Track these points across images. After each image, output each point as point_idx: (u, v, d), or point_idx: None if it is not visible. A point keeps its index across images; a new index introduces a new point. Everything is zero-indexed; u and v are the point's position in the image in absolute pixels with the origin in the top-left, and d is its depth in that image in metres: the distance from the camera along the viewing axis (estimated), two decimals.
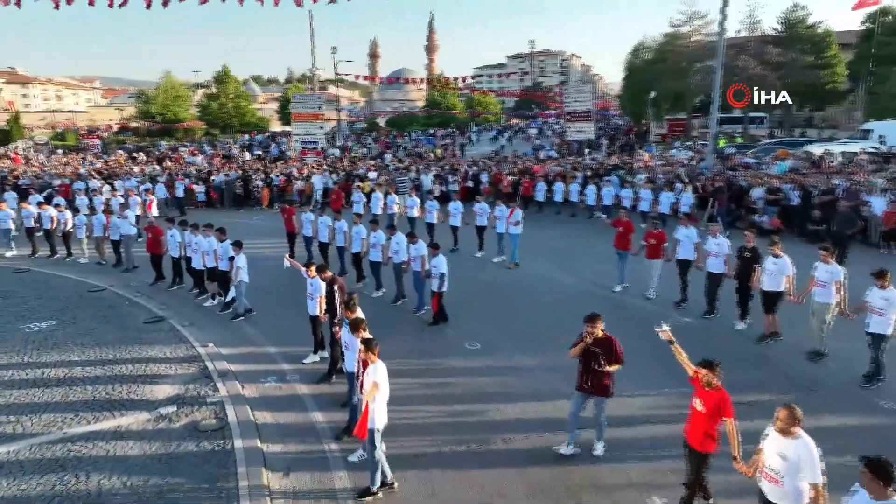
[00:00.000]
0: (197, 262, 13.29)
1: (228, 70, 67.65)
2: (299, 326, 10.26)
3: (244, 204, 25.87)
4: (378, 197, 19.93)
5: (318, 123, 33.74)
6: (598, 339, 7.03)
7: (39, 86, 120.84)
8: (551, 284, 14.27)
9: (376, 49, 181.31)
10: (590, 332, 7.01)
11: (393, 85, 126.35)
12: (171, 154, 39.09)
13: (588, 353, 7.08)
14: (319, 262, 10.11)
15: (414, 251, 12.37)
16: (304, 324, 10.06)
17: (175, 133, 64.85)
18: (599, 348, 7.01)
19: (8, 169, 31.14)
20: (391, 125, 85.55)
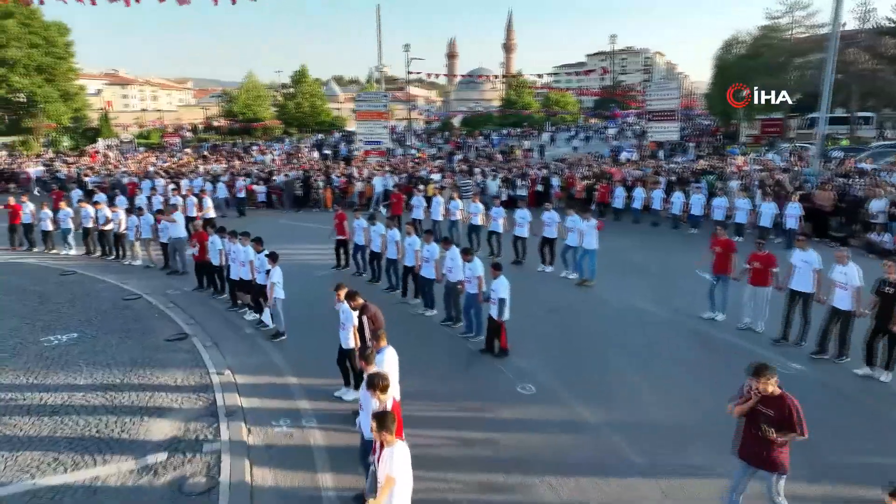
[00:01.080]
0: (234, 273, 12.14)
1: (306, 70, 68.35)
2: (331, 355, 8.75)
3: (304, 205, 24.97)
4: (439, 202, 18.33)
5: (382, 122, 32.55)
6: (768, 397, 5.22)
7: (137, 87, 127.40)
8: (627, 310, 12.17)
9: (454, 49, 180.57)
10: (757, 390, 5.24)
11: (469, 84, 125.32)
12: (241, 153, 39.14)
13: (753, 414, 5.29)
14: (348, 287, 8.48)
15: (469, 270, 10.67)
16: (335, 353, 8.57)
17: (254, 132, 66.06)
18: (770, 410, 5.19)
19: (85, 167, 31.80)
20: (465, 125, 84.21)
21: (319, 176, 25.84)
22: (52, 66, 53.65)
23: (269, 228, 21.26)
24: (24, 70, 51.25)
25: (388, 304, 12.80)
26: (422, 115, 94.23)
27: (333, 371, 8.68)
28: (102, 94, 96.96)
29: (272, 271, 10.61)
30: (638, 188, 21.40)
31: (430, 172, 25.83)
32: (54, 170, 31.18)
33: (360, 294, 8.14)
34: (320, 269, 15.55)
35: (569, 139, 57.38)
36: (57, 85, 54.59)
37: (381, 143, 32.30)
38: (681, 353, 10.04)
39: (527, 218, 15.68)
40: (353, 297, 8.07)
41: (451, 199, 18.35)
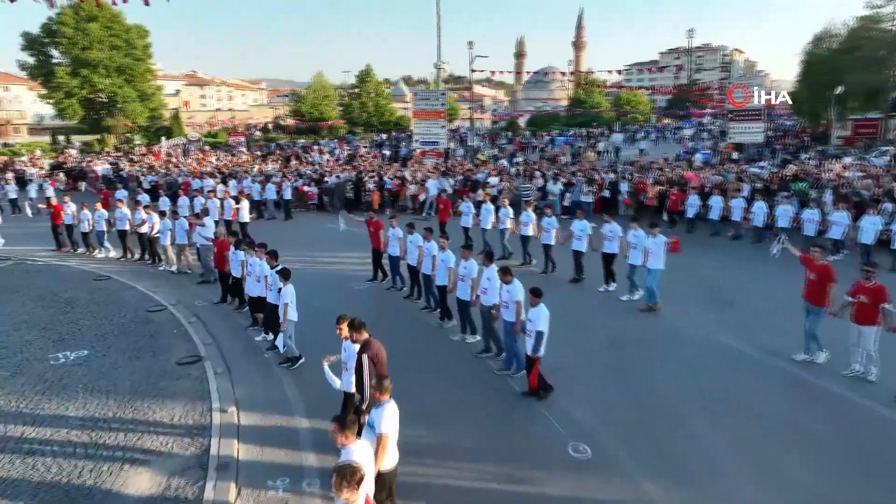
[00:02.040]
0: (250, 288, 10.98)
1: (371, 69, 67.88)
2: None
3: (354, 208, 23.86)
4: (489, 209, 16.71)
5: (440, 122, 31.05)
6: None
7: (215, 87, 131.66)
8: (705, 345, 10.20)
9: (523, 48, 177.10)
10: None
11: (537, 84, 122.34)
12: (300, 153, 38.70)
13: None
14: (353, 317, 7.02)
15: (507, 294, 9.06)
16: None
17: (320, 131, 66.21)
18: None
19: (147, 165, 31.99)
20: (531, 125, 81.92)
21: (372, 178, 24.68)
22: (131, 68, 55.35)
23: (312, 232, 20.35)
24: (105, 71, 53.08)
25: (424, 326, 11.40)
26: (487, 115, 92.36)
27: None
28: (180, 94, 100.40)
29: (283, 290, 9.35)
30: (716, 196, 19.03)
31: (488, 175, 24.18)
32: (119, 168, 31.50)
33: (365, 327, 6.64)
34: (356, 281, 14.29)
35: (634, 140, 53.54)
36: (135, 85, 56.35)
37: (439, 143, 30.83)
38: (775, 409, 8.05)
39: (586, 230, 13.86)
40: (357, 330, 6.59)
41: (499, 207, 16.67)
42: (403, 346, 10.45)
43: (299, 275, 15.56)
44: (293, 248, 17.96)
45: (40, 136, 66.71)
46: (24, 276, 15.06)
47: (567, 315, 11.12)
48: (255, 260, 10.65)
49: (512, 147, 48.20)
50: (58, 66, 52.34)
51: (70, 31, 51.15)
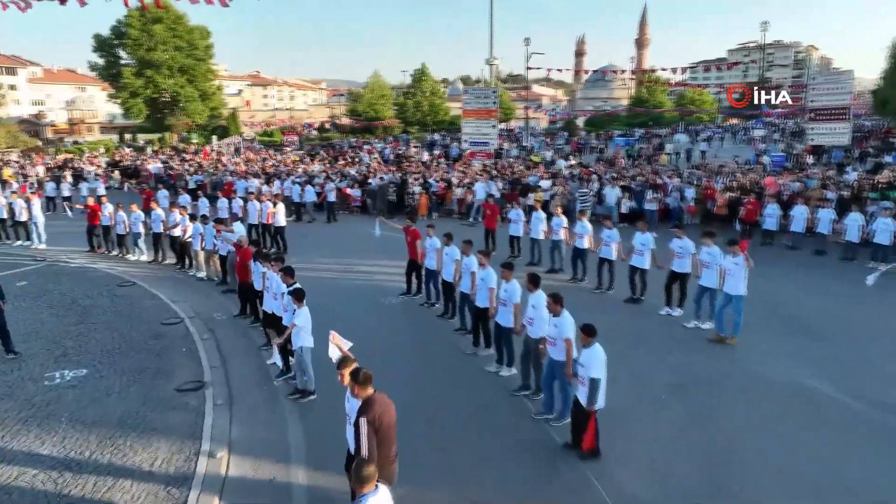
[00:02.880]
0: (266, 304, 9.83)
1: (426, 69, 66.96)
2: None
3: (398, 212, 22.67)
4: (540, 217, 15.14)
5: (490, 121, 29.41)
6: None
7: (276, 87, 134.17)
8: (791, 392, 8.39)
9: (583, 46, 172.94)
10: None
11: (597, 83, 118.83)
12: (349, 152, 37.89)
13: None
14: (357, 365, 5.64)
15: (555, 327, 7.55)
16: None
17: (375, 131, 65.75)
18: None
19: (196, 164, 31.82)
20: (589, 125, 79.17)
21: (417, 180, 23.43)
22: (193, 68, 56.28)
23: (352, 236, 19.25)
24: (168, 71, 54.10)
25: (456, 353, 9.98)
26: (543, 114, 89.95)
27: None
28: (242, 93, 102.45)
29: (297, 312, 8.12)
30: (799, 205, 16.80)
31: (540, 178, 22.53)
32: (170, 167, 31.48)
33: (370, 382, 5.25)
34: (390, 294, 13.02)
35: (691, 140, 49.62)
36: (197, 85, 57.28)
37: (489, 144, 29.23)
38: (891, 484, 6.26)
39: (649, 244, 12.12)
40: (361, 385, 5.21)
41: (551, 215, 15.05)
42: (430, 375, 9.17)
43: (331, 283, 14.74)
44: (330, 252, 17.01)
45: (110, 135, 69.02)
46: (52, 279, 14.54)
47: (621, 343, 9.54)
48: (274, 275, 9.49)
49: (568, 148, 46.11)
50: (124, 67, 53.70)
51: (136, 33, 52.33)
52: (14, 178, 29.96)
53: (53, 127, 68.37)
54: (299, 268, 15.97)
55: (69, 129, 69.45)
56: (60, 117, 76.44)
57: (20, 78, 79.14)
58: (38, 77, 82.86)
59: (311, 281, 14.58)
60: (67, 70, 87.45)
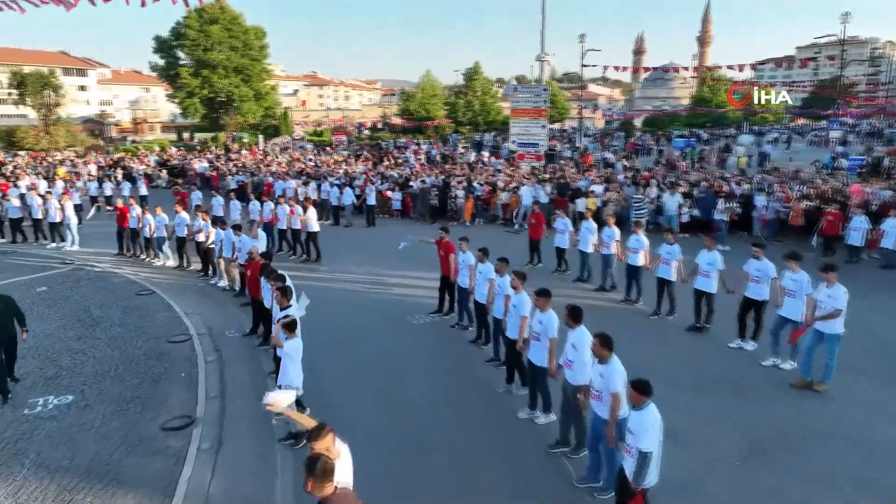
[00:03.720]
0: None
1: (479, 67, 65.45)
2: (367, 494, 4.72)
3: (440, 217, 21.33)
4: (590, 228, 13.50)
5: (540, 121, 27.56)
6: None
7: (332, 87, 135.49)
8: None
9: (642, 44, 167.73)
10: None
11: (656, 81, 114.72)
12: (394, 152, 36.78)
13: None
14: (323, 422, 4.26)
15: (599, 378, 6.03)
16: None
17: (425, 130, 64.77)
18: None
19: (241, 164, 31.36)
20: (647, 125, 75.89)
21: (461, 182, 22.01)
22: (248, 68, 56.65)
23: (388, 243, 17.95)
24: (223, 71, 54.56)
25: (486, 388, 8.53)
26: (599, 114, 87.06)
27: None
28: (298, 93, 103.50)
29: (287, 343, 6.86)
30: (892, 217, 14.53)
31: (591, 182, 20.73)
32: (214, 167, 31.15)
33: (330, 477, 3.82)
34: (419, 312, 11.70)
35: (755, 143, 45.77)
36: (251, 85, 57.65)
37: (538, 145, 27.44)
38: None
39: (716, 264, 10.34)
40: (319, 478, 3.77)
41: (602, 226, 13.38)
42: (454, 415, 7.77)
43: (358, 295, 13.28)
44: (362, 260, 15.82)
45: (171, 134, 70.61)
46: (72, 285, 13.88)
47: (682, 385, 7.92)
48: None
49: (624, 149, 43.73)
50: (182, 68, 54.49)
51: (194, 34, 52.98)
52: (67, 176, 30.22)
53: (117, 126, 70.35)
54: (327, 277, 15.15)
55: (133, 129, 71.34)
56: (126, 117, 78.86)
57: (90, 79, 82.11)
58: (107, 78, 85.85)
59: (337, 292, 13.55)
60: (134, 71, 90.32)
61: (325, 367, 9.07)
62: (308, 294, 7.83)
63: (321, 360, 9.20)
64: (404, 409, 7.99)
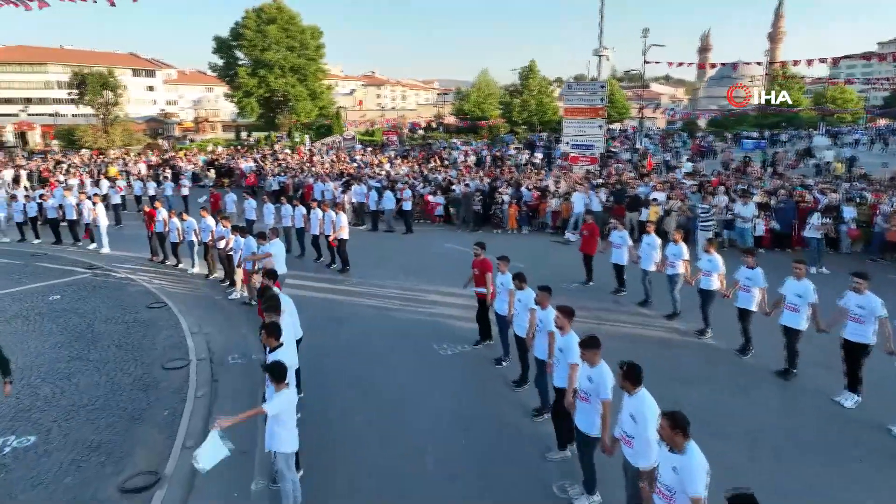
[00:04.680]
0: None
1: (535, 66, 63.12)
2: None
3: (484, 224, 19.66)
4: (652, 244, 11.57)
5: (596, 121, 25.32)
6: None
7: (390, 87, 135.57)
8: None
9: (708, 42, 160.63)
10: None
11: (722, 80, 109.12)
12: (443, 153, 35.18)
13: None
14: None
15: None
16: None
17: (480, 131, 63.00)
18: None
19: (285, 164, 30.50)
20: (712, 126, 71.70)
21: (508, 187, 20.23)
22: (304, 67, 56.38)
23: (425, 253, 16.44)
24: (279, 71, 54.44)
25: (529, 457, 6.78)
26: (661, 114, 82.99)
27: None
28: (355, 93, 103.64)
29: (274, 401, 5.42)
30: None
31: (652, 189, 18.57)
32: (260, 166, 30.45)
33: None
34: (452, 340, 10.12)
35: (831, 146, 41.03)
36: (307, 84, 57.39)
37: (594, 146, 25.20)
38: None
39: (809, 296, 8.32)
40: None
41: (668, 241, 11.39)
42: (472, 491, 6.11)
43: (381, 315, 11.46)
44: (393, 272, 14.34)
45: (230, 133, 71.50)
46: (86, 294, 12.98)
47: (774, 451, 6.03)
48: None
49: (688, 151, 40.73)
50: (240, 67, 54.68)
51: (251, 34, 53.05)
52: (119, 175, 30.16)
53: (180, 125, 71.81)
54: (351, 290, 13.25)
55: (195, 128, 72.68)
56: (189, 116, 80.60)
57: (157, 80, 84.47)
58: (173, 79, 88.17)
59: (358, 309, 11.88)
60: (198, 72, 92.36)
61: (328, 409, 7.63)
62: (327, 311, 6.40)
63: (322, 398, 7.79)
64: (416, 469, 6.45)
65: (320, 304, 12.11)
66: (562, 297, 7.28)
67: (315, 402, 7.89)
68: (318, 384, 8.41)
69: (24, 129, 54.07)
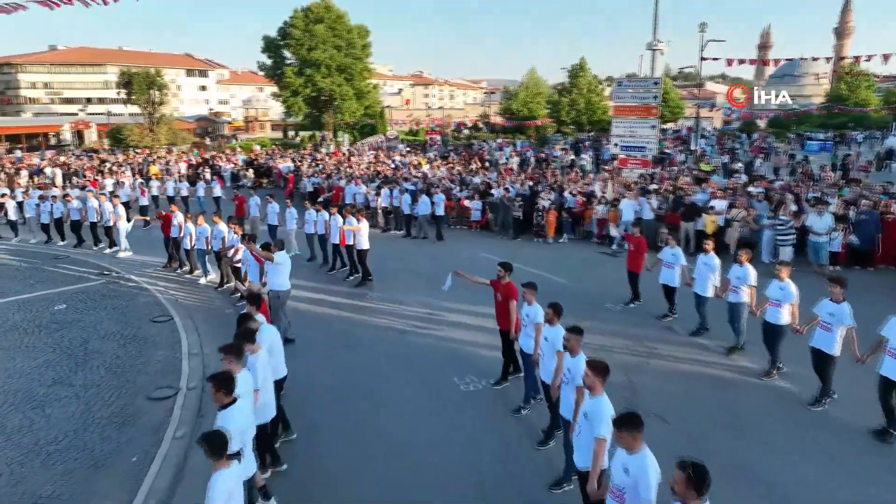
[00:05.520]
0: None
1: (584, 63, 60.78)
2: None
3: (525, 232, 18.12)
4: (712, 265, 9.89)
5: (649, 121, 23.34)
6: None
7: (438, 87, 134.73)
8: None
9: (768, 38, 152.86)
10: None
11: (783, 78, 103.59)
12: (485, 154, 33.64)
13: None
14: None
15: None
16: None
17: (526, 130, 61.15)
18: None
19: (322, 165, 29.62)
20: (773, 126, 67.66)
21: (551, 191, 18.63)
22: (350, 67, 55.88)
23: (452, 264, 14.81)
24: (326, 70, 54.04)
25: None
26: (717, 113, 78.99)
27: None
28: (402, 93, 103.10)
29: (212, 481, 4.18)
30: None
31: (711, 196, 16.62)
32: (297, 167, 29.72)
33: None
34: (479, 374, 8.78)
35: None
36: (353, 84, 56.87)
37: (646, 148, 23.15)
38: None
39: (842, 319, 6.73)
40: None
41: (737, 260, 9.62)
42: None
43: (396, 340, 10.06)
44: (415, 286, 13.00)
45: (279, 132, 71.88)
46: (93, 304, 12.17)
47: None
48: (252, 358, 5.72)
49: (749, 154, 37.94)
50: (287, 67, 54.58)
51: (299, 33, 52.84)
52: (160, 174, 30.00)
53: (230, 124, 72.66)
54: (367, 307, 11.75)
55: (244, 127, 73.46)
56: (240, 115, 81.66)
57: (210, 80, 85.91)
58: (226, 79, 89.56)
59: (373, 331, 10.55)
60: (250, 72, 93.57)
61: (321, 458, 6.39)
62: (337, 332, 5.30)
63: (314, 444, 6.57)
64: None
65: (332, 323, 10.96)
66: (604, 321, 5.78)
67: (304, 448, 6.70)
68: (311, 426, 7.20)
69: (81, 127, 55.47)
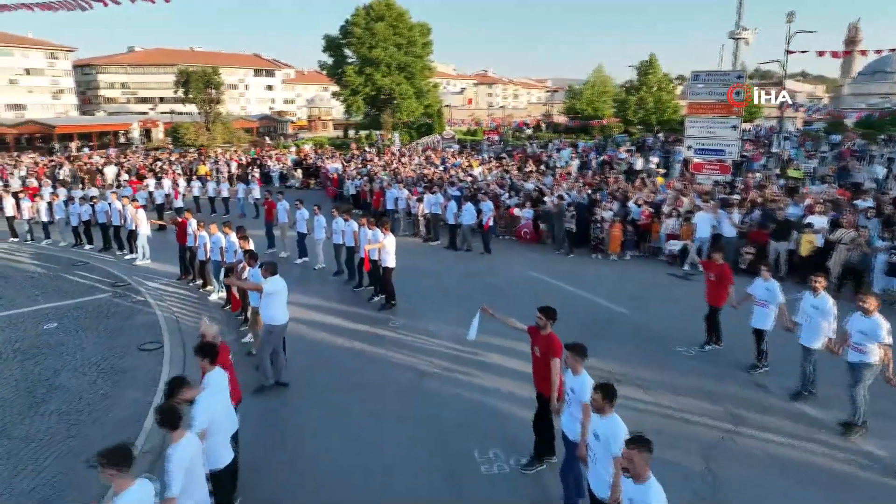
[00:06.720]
0: None
1: (655, 60, 56.84)
2: None
3: (581, 246, 15.77)
4: (823, 309, 7.40)
5: (729, 120, 20.17)
6: None
7: (502, 86, 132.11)
8: None
9: (857, 34, 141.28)
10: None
11: (874, 75, 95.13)
12: (544, 156, 31.05)
13: None
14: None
15: None
16: None
17: (591, 130, 57.95)
18: None
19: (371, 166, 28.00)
20: (861, 126, 61.40)
21: (612, 201, 16.17)
22: (410, 65, 54.50)
23: (497, 286, 12.62)
24: (386, 69, 52.84)
25: None
26: (800, 113, 72.81)
27: None
28: (465, 92, 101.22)
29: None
30: None
31: (806, 210, 13.74)
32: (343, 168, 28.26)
33: None
34: (509, 450, 6.72)
35: None
36: (413, 82, 55.45)
37: (724, 152, 19.84)
38: None
39: None
40: None
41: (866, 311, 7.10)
42: None
43: (411, 392, 7.93)
44: (447, 315, 10.86)
45: (340, 131, 71.49)
46: (89, 322, 10.84)
47: None
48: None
49: (839, 157, 33.70)
50: (348, 66, 53.74)
51: (360, 32, 51.86)
52: (209, 173, 29.33)
53: (294, 123, 72.87)
54: (384, 340, 9.64)
55: (308, 126, 73.54)
56: (304, 114, 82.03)
57: (276, 79, 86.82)
58: (291, 78, 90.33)
59: (387, 370, 8.58)
60: (316, 71, 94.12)
61: None
62: (343, 373, 4.01)
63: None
64: None
65: (340, 359, 9.12)
66: (674, 371, 3.79)
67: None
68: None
69: (150, 126, 56.66)
